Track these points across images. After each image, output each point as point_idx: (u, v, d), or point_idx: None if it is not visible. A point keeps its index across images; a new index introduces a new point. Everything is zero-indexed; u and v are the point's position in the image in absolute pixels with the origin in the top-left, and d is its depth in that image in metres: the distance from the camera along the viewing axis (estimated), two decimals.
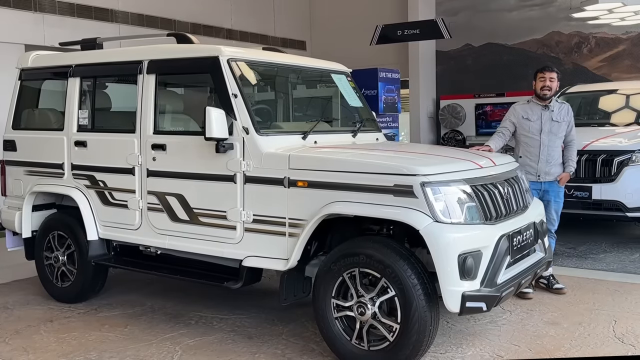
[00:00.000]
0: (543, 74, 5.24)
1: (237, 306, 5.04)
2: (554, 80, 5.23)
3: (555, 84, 5.25)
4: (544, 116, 5.24)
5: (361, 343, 3.67)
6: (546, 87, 5.21)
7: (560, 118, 5.27)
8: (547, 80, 5.21)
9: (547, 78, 5.21)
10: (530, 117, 5.27)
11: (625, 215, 6.57)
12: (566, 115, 5.30)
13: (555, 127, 5.25)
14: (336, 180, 3.73)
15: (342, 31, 13.76)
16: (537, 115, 5.26)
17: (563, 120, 5.28)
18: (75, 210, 4.98)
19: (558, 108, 5.29)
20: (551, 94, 5.25)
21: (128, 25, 10.45)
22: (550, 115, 5.24)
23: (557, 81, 5.27)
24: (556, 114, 5.26)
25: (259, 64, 4.60)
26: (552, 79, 5.22)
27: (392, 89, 9.21)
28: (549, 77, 5.21)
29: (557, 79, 5.26)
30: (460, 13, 12.89)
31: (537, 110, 5.28)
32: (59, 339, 4.40)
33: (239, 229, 4.13)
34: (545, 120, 5.24)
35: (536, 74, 5.31)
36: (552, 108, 5.27)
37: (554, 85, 5.24)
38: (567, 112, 5.34)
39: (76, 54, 5.29)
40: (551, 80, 5.21)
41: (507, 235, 3.72)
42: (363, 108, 5.26)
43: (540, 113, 5.26)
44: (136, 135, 4.62)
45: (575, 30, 11.83)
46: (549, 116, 5.24)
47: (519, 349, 4.05)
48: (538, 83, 5.26)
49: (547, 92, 5.22)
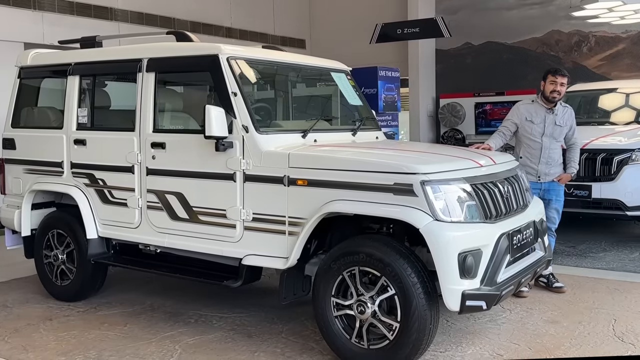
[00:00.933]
0: (555, 77, 5.13)
1: (236, 305, 5.04)
2: (564, 85, 5.15)
3: (564, 89, 5.17)
4: (548, 119, 5.19)
5: (361, 342, 3.67)
6: (556, 91, 5.13)
7: (563, 122, 5.23)
8: (558, 85, 5.12)
9: (558, 82, 5.12)
10: (534, 119, 5.20)
11: (624, 214, 6.57)
12: (569, 119, 5.28)
13: (557, 131, 5.21)
14: (336, 178, 3.72)
15: (342, 30, 13.74)
16: (540, 117, 5.20)
17: (565, 124, 5.25)
18: (74, 209, 4.98)
19: (562, 112, 5.25)
20: (559, 99, 5.20)
21: (127, 24, 10.44)
22: (554, 119, 5.19)
23: (566, 86, 5.20)
24: (559, 118, 5.22)
25: (259, 62, 4.59)
26: (562, 84, 5.13)
27: (392, 87, 9.21)
28: (560, 81, 5.12)
29: (566, 84, 5.18)
30: (460, 12, 12.88)
31: (542, 112, 5.21)
32: (58, 338, 4.40)
33: (238, 227, 4.13)
34: (548, 123, 5.18)
35: (547, 75, 5.19)
36: (557, 112, 5.22)
37: (563, 90, 5.16)
38: (570, 115, 5.31)
39: (75, 52, 5.28)
40: (562, 85, 5.13)
41: (507, 234, 3.71)
42: (363, 106, 5.26)
43: (544, 116, 5.20)
44: (135, 134, 4.62)
45: (575, 28, 11.82)
46: (553, 120, 5.19)
47: (519, 347, 4.05)
48: (548, 85, 5.16)
49: (557, 96, 5.15)
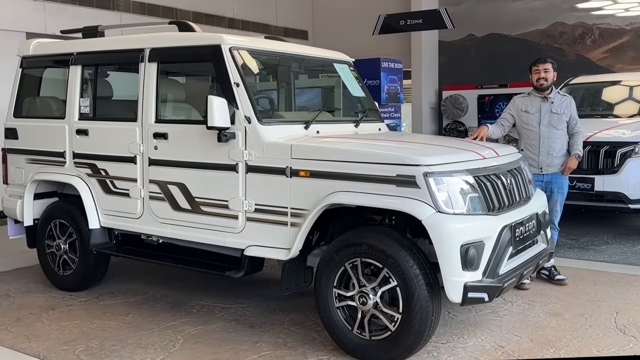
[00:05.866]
0: (537, 66, 5.24)
1: (238, 295, 5.04)
2: (549, 71, 5.21)
3: (551, 75, 5.23)
4: (544, 108, 5.22)
5: (362, 333, 3.68)
6: (542, 78, 5.21)
7: (561, 110, 5.23)
8: (542, 72, 5.21)
9: (541, 70, 5.22)
10: (529, 109, 5.26)
11: (627, 207, 6.56)
12: (567, 108, 5.26)
13: (555, 119, 5.21)
14: (338, 170, 3.71)
15: (345, 21, 13.69)
16: (536, 107, 5.25)
17: (563, 112, 5.23)
18: (76, 199, 4.98)
19: (559, 100, 5.26)
20: (548, 84, 5.24)
21: (129, 14, 10.41)
22: (549, 107, 5.22)
23: (554, 71, 5.26)
24: (556, 106, 5.23)
25: (261, 52, 4.57)
26: (546, 70, 5.21)
27: (395, 79, 9.19)
28: (543, 68, 5.21)
29: (552, 69, 5.25)
30: (464, 3, 12.82)
31: (537, 102, 5.26)
32: (60, 327, 4.41)
33: (240, 218, 4.13)
34: (544, 112, 5.22)
35: (531, 67, 5.31)
36: (552, 100, 5.24)
37: (550, 76, 5.22)
38: (569, 104, 5.30)
39: (78, 42, 5.27)
40: (546, 71, 5.20)
41: (509, 226, 3.71)
42: (365, 98, 5.24)
43: (539, 105, 5.24)
44: (138, 124, 4.61)
45: (579, 21, 11.77)
46: (549, 108, 5.22)
47: (521, 339, 4.06)
48: (533, 75, 5.27)
49: (544, 82, 5.21)
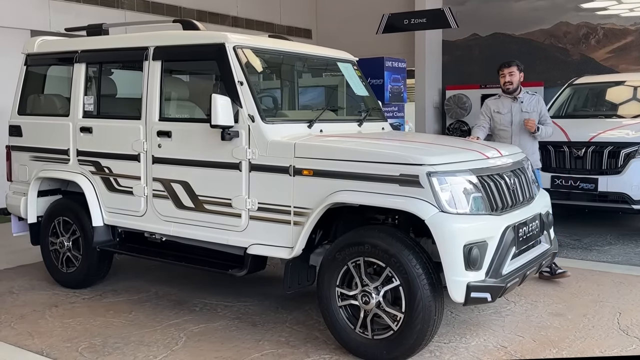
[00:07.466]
0: (502, 70, 5.55)
1: (241, 293, 5.05)
2: (514, 74, 5.50)
3: (516, 77, 5.51)
4: (514, 108, 5.53)
5: (365, 332, 3.68)
6: (508, 82, 5.51)
7: (530, 109, 5.52)
8: (507, 75, 5.51)
9: (506, 74, 5.52)
10: (501, 110, 5.56)
11: (631, 207, 6.55)
12: (536, 106, 5.59)
13: (525, 117, 5.47)
14: (342, 169, 3.71)
15: (348, 20, 13.68)
16: (507, 108, 5.56)
17: (533, 110, 5.52)
18: (80, 196, 4.99)
19: (528, 99, 5.59)
20: (514, 87, 5.52)
21: (134, 12, 10.43)
22: (519, 106, 5.52)
23: (520, 72, 5.56)
24: (526, 105, 5.53)
25: (265, 51, 4.57)
26: (511, 73, 5.50)
27: (398, 78, 9.17)
28: (508, 72, 5.51)
29: (518, 71, 5.55)
30: (468, 2, 12.80)
31: (507, 103, 5.57)
32: (64, 324, 4.42)
33: (244, 216, 4.13)
34: (515, 112, 5.52)
35: (498, 72, 5.59)
36: (522, 99, 5.54)
37: (515, 79, 5.50)
38: (538, 102, 5.58)
39: (82, 40, 5.27)
40: (511, 74, 5.50)
41: (512, 226, 3.71)
42: (369, 97, 5.24)
43: (510, 106, 5.55)
44: (142, 122, 4.62)
45: (583, 20, 11.74)
46: (519, 108, 5.52)
47: (523, 339, 4.05)
48: (500, 79, 5.56)
49: (510, 85, 5.51)
